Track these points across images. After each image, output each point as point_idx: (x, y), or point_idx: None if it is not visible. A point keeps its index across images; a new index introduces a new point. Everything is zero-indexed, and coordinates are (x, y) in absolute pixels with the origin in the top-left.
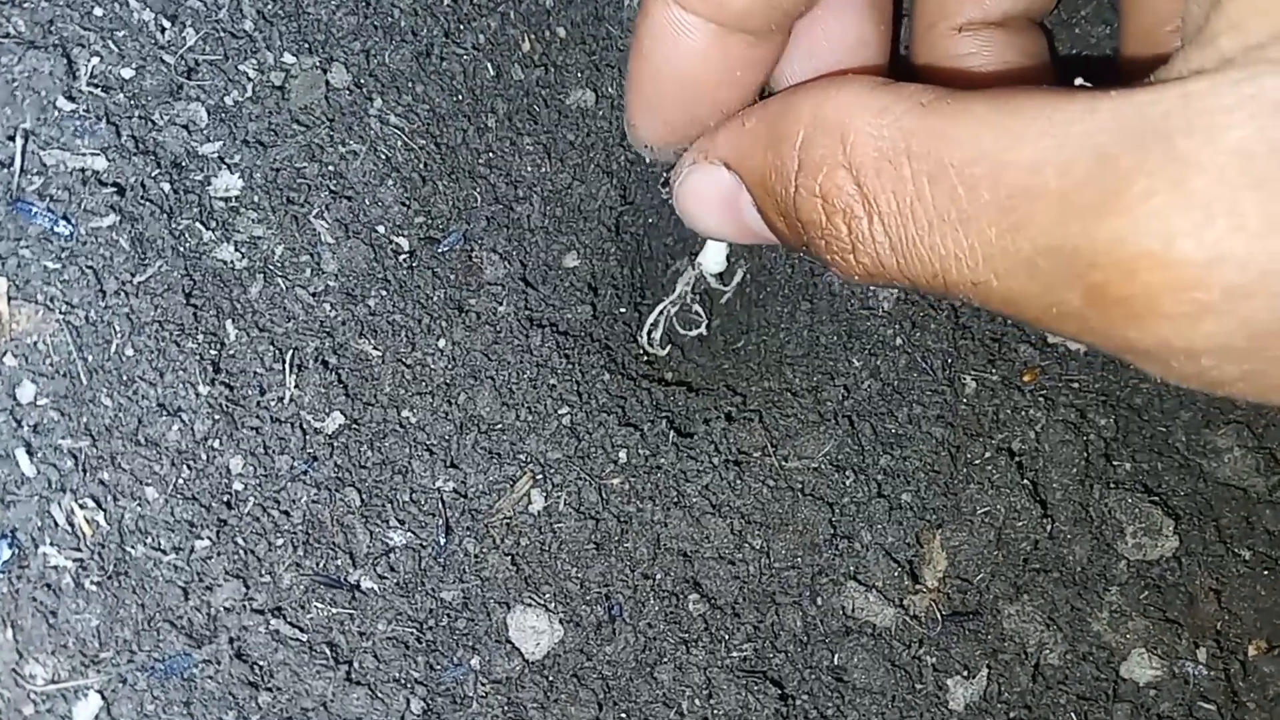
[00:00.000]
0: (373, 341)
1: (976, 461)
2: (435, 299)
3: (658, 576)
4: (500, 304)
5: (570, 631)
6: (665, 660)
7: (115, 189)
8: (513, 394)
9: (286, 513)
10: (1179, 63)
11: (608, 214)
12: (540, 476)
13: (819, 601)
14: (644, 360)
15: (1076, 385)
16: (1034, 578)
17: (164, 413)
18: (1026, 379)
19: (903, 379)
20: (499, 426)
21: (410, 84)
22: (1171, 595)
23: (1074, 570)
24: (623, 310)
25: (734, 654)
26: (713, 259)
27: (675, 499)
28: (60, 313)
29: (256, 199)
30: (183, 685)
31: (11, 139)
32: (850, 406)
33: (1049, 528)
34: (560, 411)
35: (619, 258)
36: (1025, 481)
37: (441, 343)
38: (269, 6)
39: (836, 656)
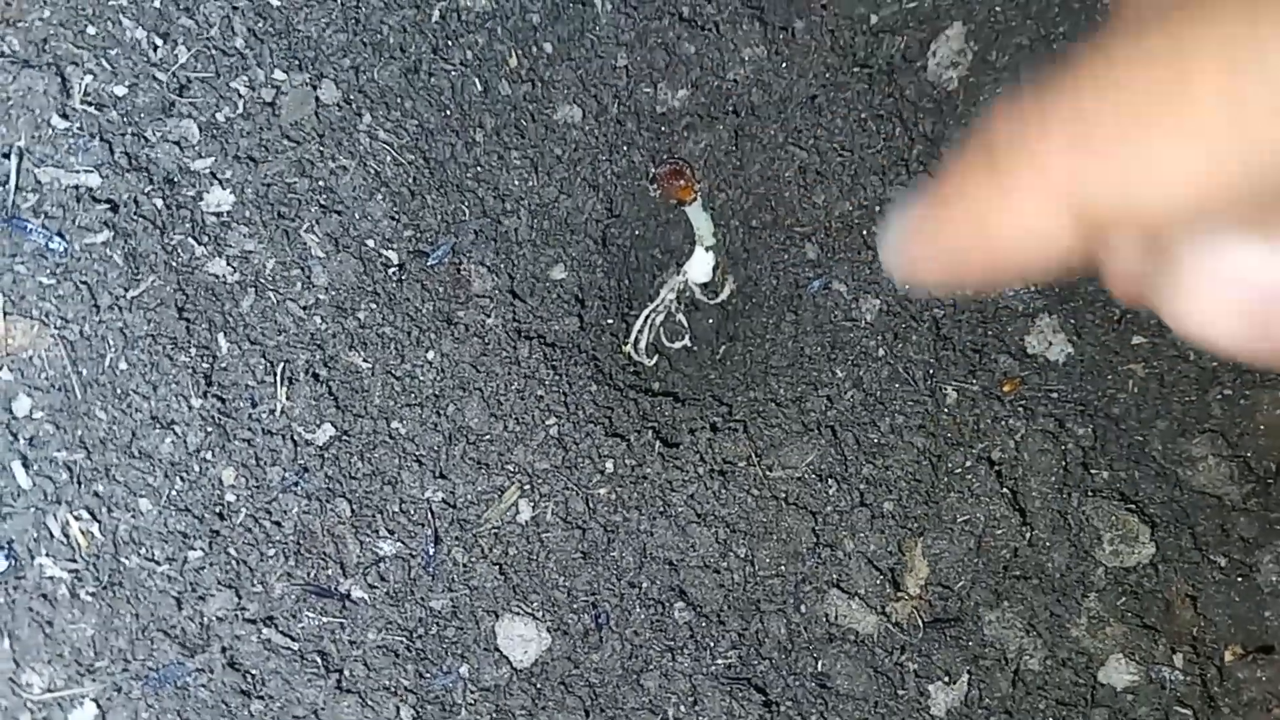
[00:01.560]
0: (363, 354)
1: (957, 470)
2: (424, 311)
3: (644, 585)
4: (488, 316)
5: (558, 639)
6: (651, 668)
7: (109, 205)
8: (500, 405)
9: (278, 523)
10: None
11: (594, 227)
12: (528, 487)
13: (802, 609)
14: (631, 371)
15: (1055, 395)
16: (1014, 584)
17: (157, 425)
18: (1006, 389)
19: (885, 389)
20: (487, 437)
21: (399, 100)
22: (1148, 602)
23: (1053, 577)
24: (610, 322)
25: (719, 661)
26: (699, 269)
27: (661, 508)
28: (55, 328)
29: (248, 214)
30: (176, 694)
31: (6, 156)
32: (833, 416)
33: (1028, 535)
34: (548, 422)
35: (605, 270)
36: (1005, 490)
37: (430, 355)
38: (259, 24)
39: (820, 663)
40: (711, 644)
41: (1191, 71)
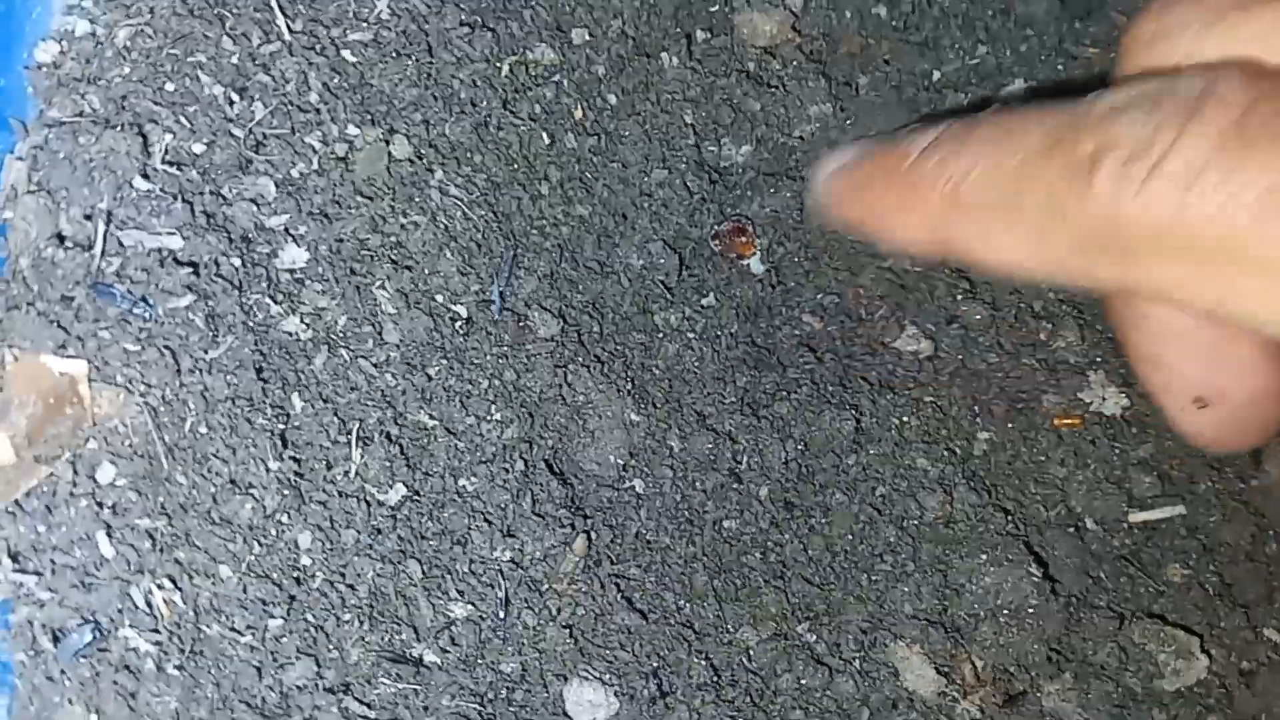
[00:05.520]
0: (432, 411)
1: None
2: (490, 366)
3: (709, 645)
4: None
5: (625, 704)
6: None
7: (190, 268)
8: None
9: (352, 587)
10: None
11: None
12: (595, 541)
13: (869, 671)
14: None
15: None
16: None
17: (236, 490)
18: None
19: None
20: (555, 493)
21: (469, 154)
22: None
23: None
24: None
25: None
26: None
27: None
28: (139, 394)
29: (321, 270)
30: None
31: (89, 219)
32: None
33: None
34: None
35: None
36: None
37: (495, 409)
38: (334, 79)
39: None
40: (779, 711)
41: None
